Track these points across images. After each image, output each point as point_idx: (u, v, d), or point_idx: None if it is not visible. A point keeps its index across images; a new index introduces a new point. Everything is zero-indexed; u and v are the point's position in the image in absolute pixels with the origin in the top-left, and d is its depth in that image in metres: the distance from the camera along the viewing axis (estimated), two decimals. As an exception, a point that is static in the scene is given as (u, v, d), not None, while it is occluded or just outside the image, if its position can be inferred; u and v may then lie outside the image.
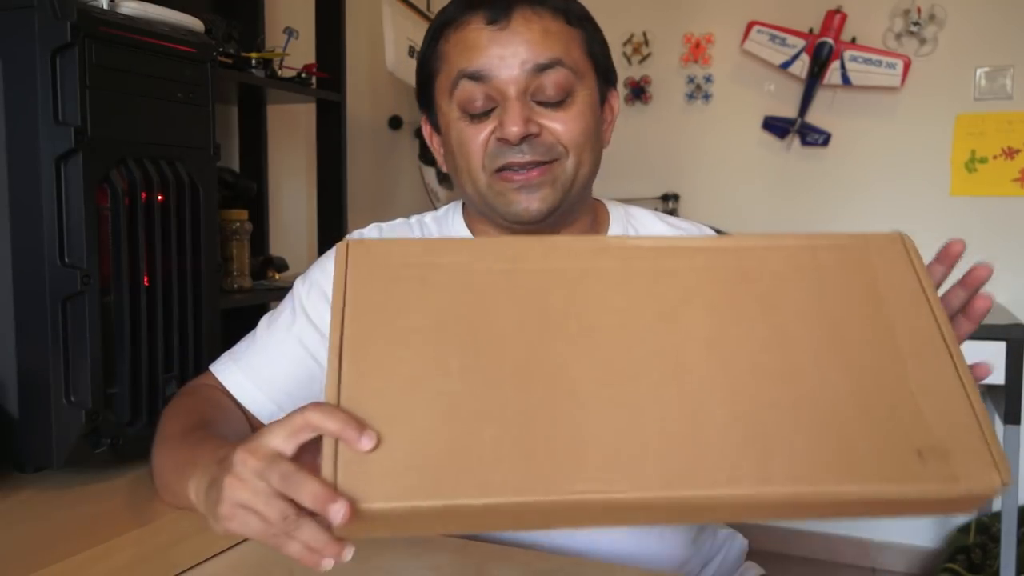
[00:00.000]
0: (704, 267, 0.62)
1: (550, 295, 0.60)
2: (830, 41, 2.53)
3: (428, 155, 2.79)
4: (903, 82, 2.50)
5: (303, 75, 1.94)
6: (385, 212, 2.64)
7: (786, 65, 2.60)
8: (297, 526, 0.54)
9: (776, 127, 2.66)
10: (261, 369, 0.87)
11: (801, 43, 2.58)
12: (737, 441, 0.54)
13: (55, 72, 0.83)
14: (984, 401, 2.50)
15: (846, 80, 2.54)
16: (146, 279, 0.93)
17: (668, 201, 2.77)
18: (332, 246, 0.95)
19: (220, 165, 1.30)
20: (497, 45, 0.80)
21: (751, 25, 2.63)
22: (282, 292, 0.93)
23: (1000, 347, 1.99)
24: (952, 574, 2.22)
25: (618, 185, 2.70)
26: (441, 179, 2.82)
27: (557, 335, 0.58)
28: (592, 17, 0.87)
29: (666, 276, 0.62)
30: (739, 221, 2.69)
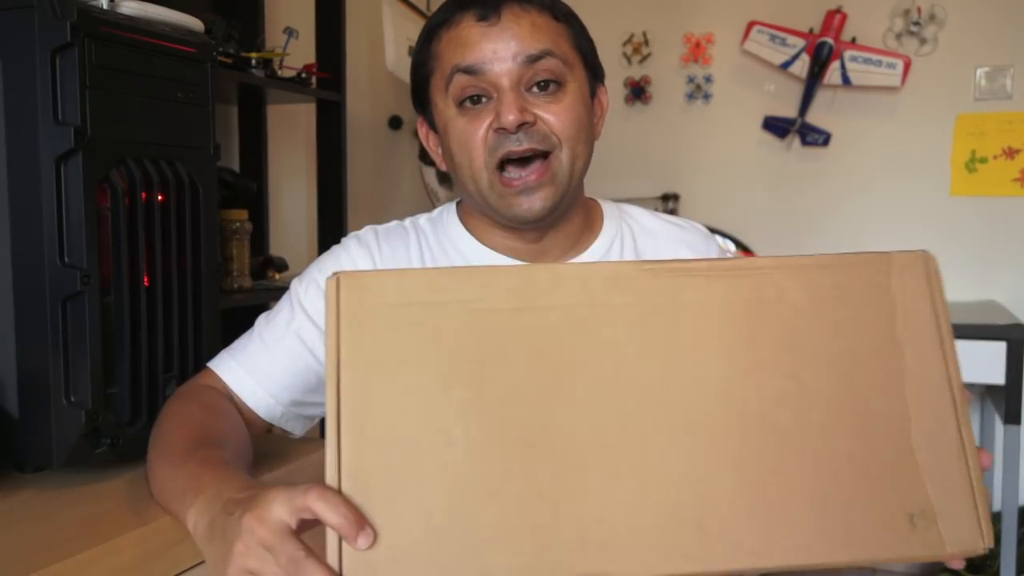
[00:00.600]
0: (721, 300, 0.60)
1: (558, 343, 0.58)
2: (830, 41, 2.53)
3: (428, 155, 2.78)
4: (903, 82, 2.51)
5: (303, 75, 1.94)
6: (385, 212, 2.64)
7: (786, 65, 2.60)
8: None
9: (776, 127, 2.66)
10: (260, 364, 0.87)
11: (801, 43, 2.58)
12: (741, 513, 0.56)
13: (55, 72, 0.83)
14: (984, 401, 2.50)
15: (846, 80, 2.54)
16: (146, 279, 0.93)
17: (668, 201, 2.77)
18: (332, 246, 0.96)
19: (220, 165, 1.30)
20: (489, 40, 0.82)
21: (751, 25, 2.63)
22: (282, 292, 0.93)
23: (1000, 347, 1.99)
24: (952, 574, 2.22)
25: (618, 185, 2.70)
26: (441, 179, 2.82)
27: (564, 393, 0.57)
28: (576, 15, 0.89)
29: (681, 313, 0.59)
30: (739, 221, 2.69)
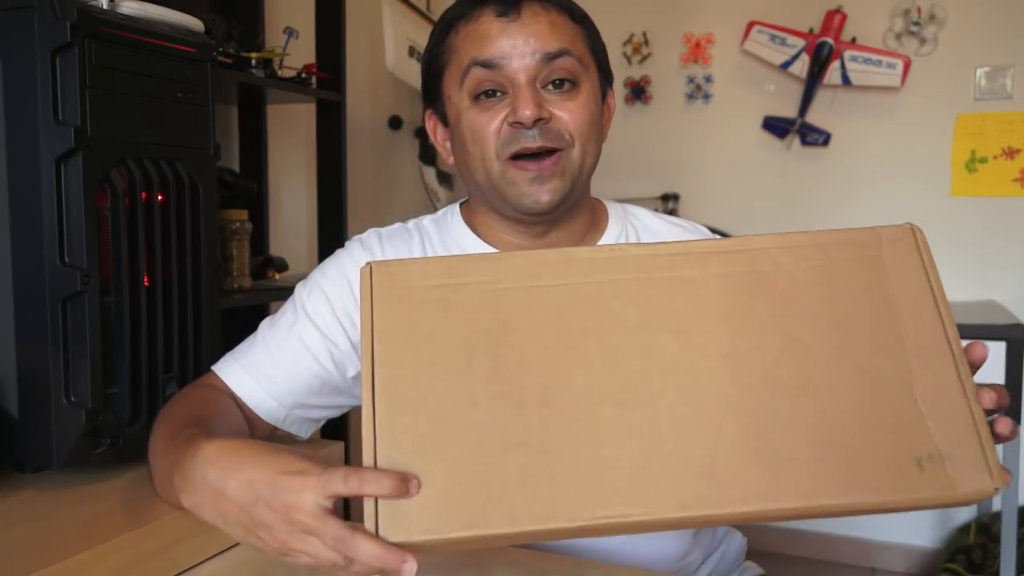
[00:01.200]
0: (719, 273, 0.63)
1: (569, 315, 0.62)
2: (830, 41, 2.53)
3: (428, 155, 2.78)
4: (903, 82, 2.51)
5: (303, 75, 1.94)
6: (385, 212, 2.64)
7: (786, 65, 2.60)
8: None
9: (776, 127, 2.66)
10: (262, 367, 0.88)
11: (801, 43, 2.58)
12: (749, 459, 0.58)
13: (55, 72, 0.83)
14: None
15: (846, 80, 2.54)
16: (146, 279, 0.93)
17: (668, 201, 2.77)
18: (332, 246, 0.96)
19: (220, 165, 1.30)
20: (508, 36, 0.83)
21: (751, 25, 2.63)
22: (282, 292, 0.93)
23: (1000, 347, 1.99)
24: (952, 574, 2.22)
25: (618, 185, 2.70)
26: (441, 179, 2.82)
27: (577, 358, 0.61)
28: (591, 18, 0.91)
29: (682, 286, 0.63)
30: (739, 221, 2.69)
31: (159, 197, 0.94)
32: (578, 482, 0.57)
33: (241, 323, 0.95)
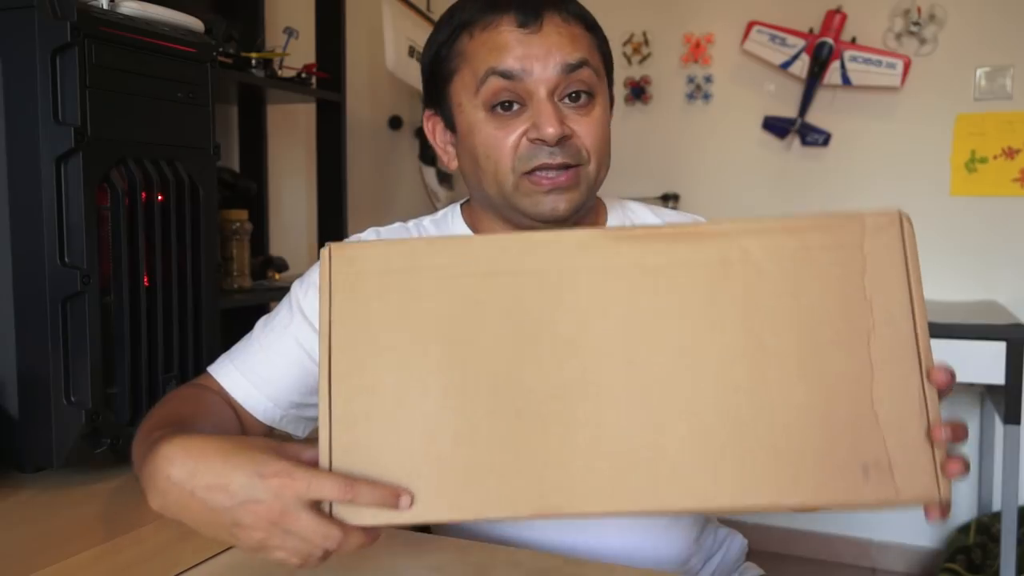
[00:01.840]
0: (684, 262, 0.62)
1: (528, 304, 0.62)
2: (830, 41, 2.53)
3: (428, 155, 2.78)
4: (903, 82, 2.50)
5: (303, 75, 1.94)
6: (385, 212, 2.64)
7: (786, 65, 2.60)
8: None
9: (776, 127, 2.66)
10: (257, 367, 0.87)
11: (801, 43, 2.57)
12: (693, 457, 0.59)
13: (55, 72, 0.83)
14: (984, 401, 2.50)
15: (846, 80, 2.54)
16: (146, 279, 0.93)
17: (668, 201, 2.76)
18: (332, 246, 0.96)
19: (220, 165, 1.30)
20: (529, 47, 0.82)
21: (751, 25, 2.63)
22: (282, 292, 0.93)
23: (1000, 347, 1.99)
24: (952, 574, 2.22)
25: (618, 185, 2.70)
26: (441, 179, 2.82)
27: (529, 352, 0.61)
28: (599, 24, 0.90)
29: (645, 275, 0.62)
30: (739, 221, 2.68)
31: (159, 197, 0.94)
32: (520, 476, 0.59)
33: (241, 323, 0.95)
